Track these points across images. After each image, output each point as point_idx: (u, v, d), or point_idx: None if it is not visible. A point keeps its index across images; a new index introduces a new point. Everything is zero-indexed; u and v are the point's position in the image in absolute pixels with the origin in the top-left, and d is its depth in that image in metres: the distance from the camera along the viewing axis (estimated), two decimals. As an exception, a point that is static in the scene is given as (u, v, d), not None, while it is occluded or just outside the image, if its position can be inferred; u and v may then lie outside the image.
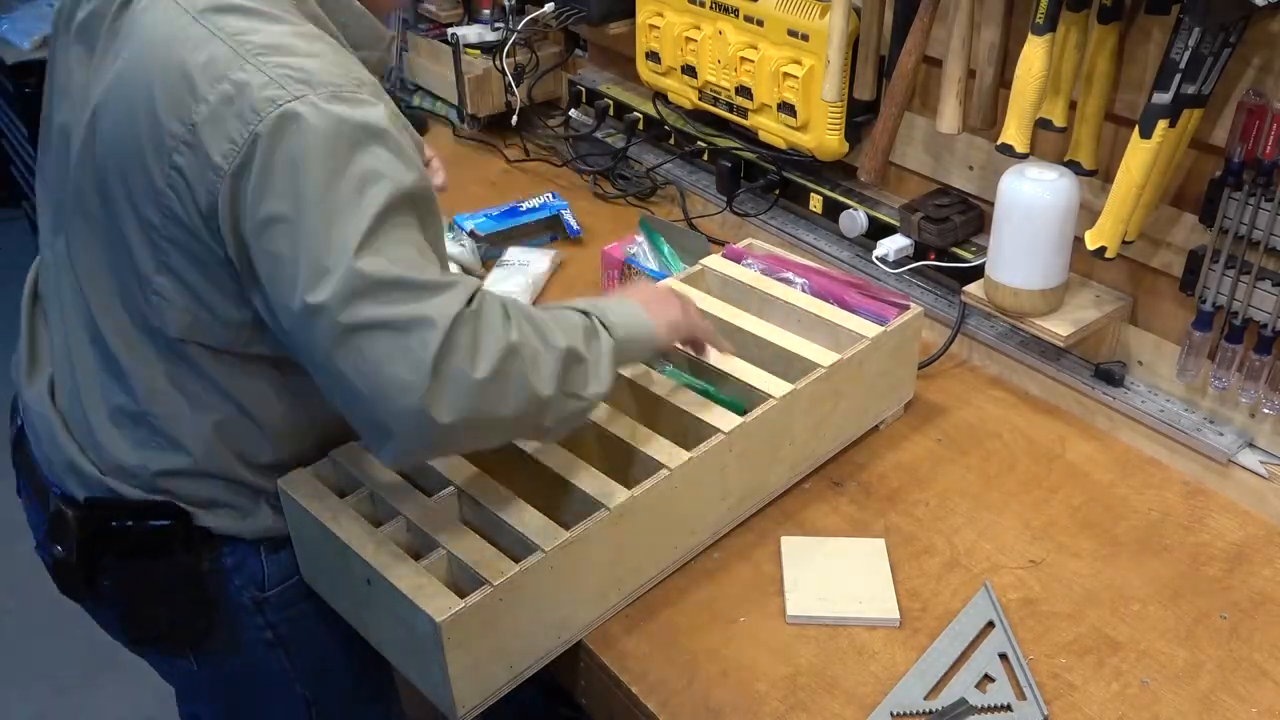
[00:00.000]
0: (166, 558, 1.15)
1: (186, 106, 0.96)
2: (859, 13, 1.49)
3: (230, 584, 1.19)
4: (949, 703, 1.06)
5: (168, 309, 1.04)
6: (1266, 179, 1.16)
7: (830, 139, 1.63)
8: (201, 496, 1.14)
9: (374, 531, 1.09)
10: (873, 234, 1.62)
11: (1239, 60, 1.17)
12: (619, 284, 1.66)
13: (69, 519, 1.14)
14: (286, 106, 0.93)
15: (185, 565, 1.15)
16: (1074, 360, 1.46)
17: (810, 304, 1.39)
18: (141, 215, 1.01)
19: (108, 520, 1.13)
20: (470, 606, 1.00)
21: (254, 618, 1.22)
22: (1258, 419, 1.31)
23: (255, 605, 1.21)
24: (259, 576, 1.20)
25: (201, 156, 0.95)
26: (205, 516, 1.14)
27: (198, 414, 1.10)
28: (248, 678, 1.27)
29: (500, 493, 1.13)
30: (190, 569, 1.16)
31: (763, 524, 1.29)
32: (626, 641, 1.15)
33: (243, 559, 1.18)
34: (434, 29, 2.25)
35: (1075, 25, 1.23)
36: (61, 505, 1.15)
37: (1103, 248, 1.26)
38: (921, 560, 1.23)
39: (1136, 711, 1.06)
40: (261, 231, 0.95)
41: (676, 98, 1.86)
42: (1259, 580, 1.21)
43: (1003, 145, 1.31)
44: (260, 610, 1.21)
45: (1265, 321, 1.22)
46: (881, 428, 1.43)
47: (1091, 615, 1.16)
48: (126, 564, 1.15)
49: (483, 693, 1.07)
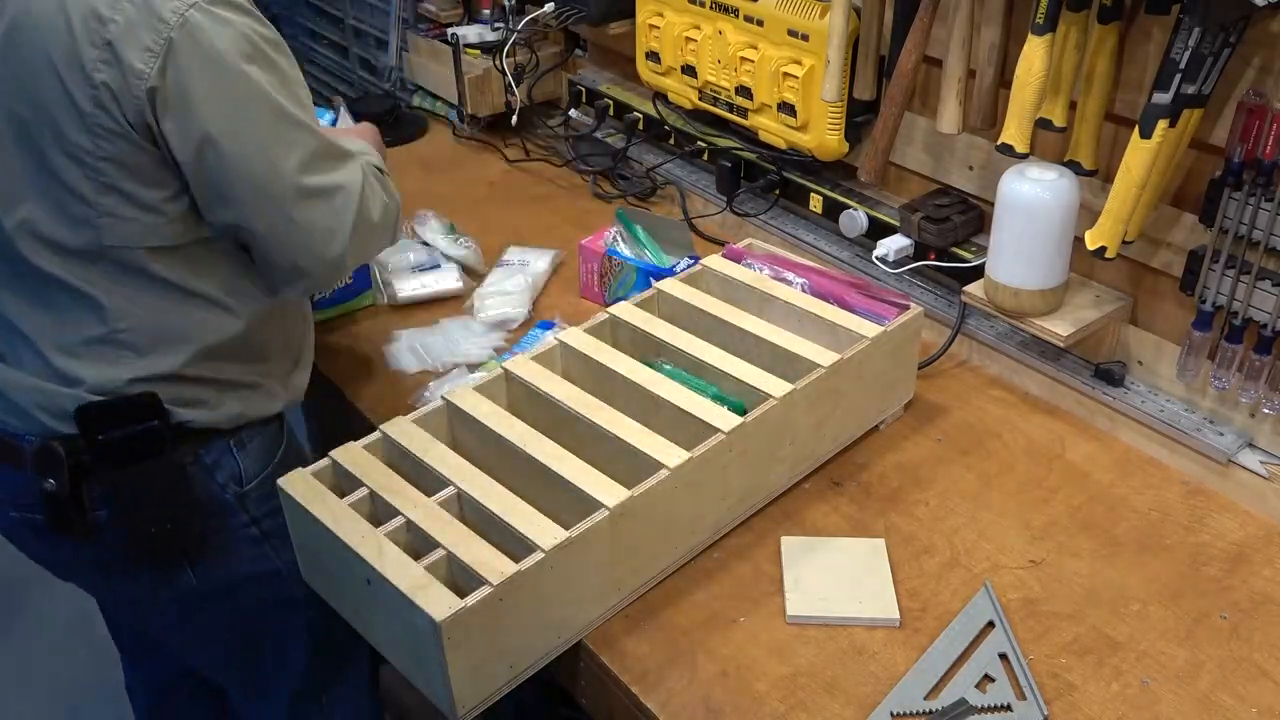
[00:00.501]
0: (155, 460, 1.21)
1: (97, 31, 1.09)
2: (859, 13, 1.49)
3: (213, 481, 1.26)
4: (949, 703, 1.06)
5: (119, 225, 1.15)
6: (1266, 179, 1.16)
7: (830, 139, 1.63)
8: (173, 395, 1.21)
9: (374, 531, 1.09)
10: (873, 234, 1.62)
11: (1239, 60, 1.17)
12: (599, 281, 1.66)
13: (55, 449, 1.19)
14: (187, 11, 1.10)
15: (173, 466, 1.22)
16: (1074, 360, 1.46)
17: (810, 304, 1.39)
18: (70, 145, 1.13)
19: (95, 435, 1.18)
20: (470, 606, 1.00)
21: (238, 515, 1.29)
22: (1258, 419, 1.31)
23: (238, 501, 1.28)
24: (236, 471, 1.28)
25: (125, 67, 1.09)
26: (181, 412, 1.21)
27: (164, 318, 1.19)
28: (244, 580, 1.33)
29: (500, 493, 1.13)
30: (178, 469, 1.23)
31: (763, 524, 1.29)
32: (626, 641, 1.15)
33: (219, 456, 1.26)
34: (434, 29, 2.25)
35: (1075, 25, 1.23)
36: (43, 443, 1.20)
37: (1103, 248, 1.26)
38: (921, 560, 1.23)
39: (1136, 711, 1.06)
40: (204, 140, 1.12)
41: (676, 98, 1.86)
42: (1259, 580, 1.21)
43: (1003, 145, 1.31)
44: (243, 506, 1.29)
45: (1265, 321, 1.22)
46: (881, 428, 1.43)
47: (1091, 615, 1.16)
48: (120, 476, 1.20)
49: (483, 693, 1.07)
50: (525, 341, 1.56)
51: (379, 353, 1.57)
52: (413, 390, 1.50)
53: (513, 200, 2.00)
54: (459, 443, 1.25)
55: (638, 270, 1.60)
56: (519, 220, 1.93)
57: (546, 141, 2.16)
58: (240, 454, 1.29)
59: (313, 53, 2.84)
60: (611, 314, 1.38)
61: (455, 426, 1.26)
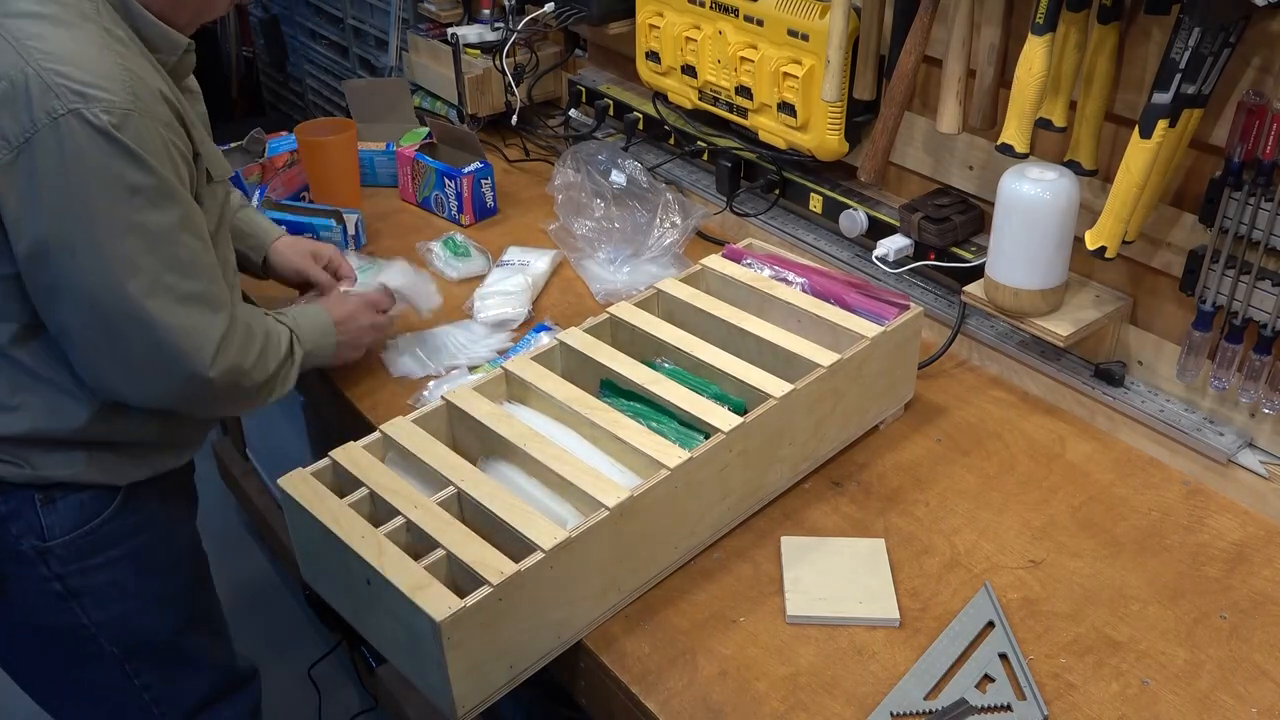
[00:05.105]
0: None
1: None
2: (859, 13, 1.49)
3: (6, 531, 1.23)
4: (949, 703, 1.06)
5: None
6: (1266, 179, 1.16)
7: (830, 139, 1.63)
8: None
9: (374, 531, 1.09)
10: (873, 234, 1.62)
11: (1239, 60, 1.17)
12: (412, 182, 1.96)
13: None
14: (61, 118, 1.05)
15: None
16: (1074, 360, 1.46)
17: (810, 304, 1.39)
18: None
19: None
20: (470, 606, 1.00)
21: (36, 568, 1.25)
22: (1258, 419, 1.31)
23: (37, 554, 1.25)
24: (37, 526, 1.24)
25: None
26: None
27: None
28: (44, 630, 1.30)
29: (500, 493, 1.13)
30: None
31: (763, 524, 1.29)
32: (626, 641, 1.15)
33: (17, 507, 1.22)
34: (434, 29, 2.25)
35: (1075, 25, 1.23)
36: None
37: (1103, 248, 1.26)
38: (921, 560, 1.23)
39: (1136, 711, 1.06)
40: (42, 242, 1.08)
41: (676, 98, 1.86)
42: (1259, 580, 1.21)
43: (1003, 145, 1.31)
44: (44, 560, 1.25)
45: (1265, 321, 1.22)
46: (881, 428, 1.43)
47: (1091, 615, 1.17)
48: None
49: (483, 693, 1.07)
50: (522, 345, 1.56)
51: (378, 355, 1.57)
52: (413, 390, 1.50)
53: (513, 200, 2.00)
54: (459, 443, 1.25)
55: (436, 171, 1.91)
56: (519, 220, 1.94)
57: (546, 142, 2.17)
58: (46, 510, 1.24)
59: (313, 53, 2.84)
60: (611, 314, 1.38)
61: (455, 426, 1.26)
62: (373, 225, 1.90)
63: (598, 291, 1.70)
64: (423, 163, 1.93)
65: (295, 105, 3.21)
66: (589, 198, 1.81)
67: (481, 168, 1.91)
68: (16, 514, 1.23)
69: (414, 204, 1.99)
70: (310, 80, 2.97)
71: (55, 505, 1.24)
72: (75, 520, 1.25)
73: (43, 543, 1.24)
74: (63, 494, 1.24)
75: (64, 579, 1.27)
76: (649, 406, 1.26)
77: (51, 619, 1.29)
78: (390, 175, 2.03)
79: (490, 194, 1.93)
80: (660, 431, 1.21)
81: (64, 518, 1.25)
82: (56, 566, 1.26)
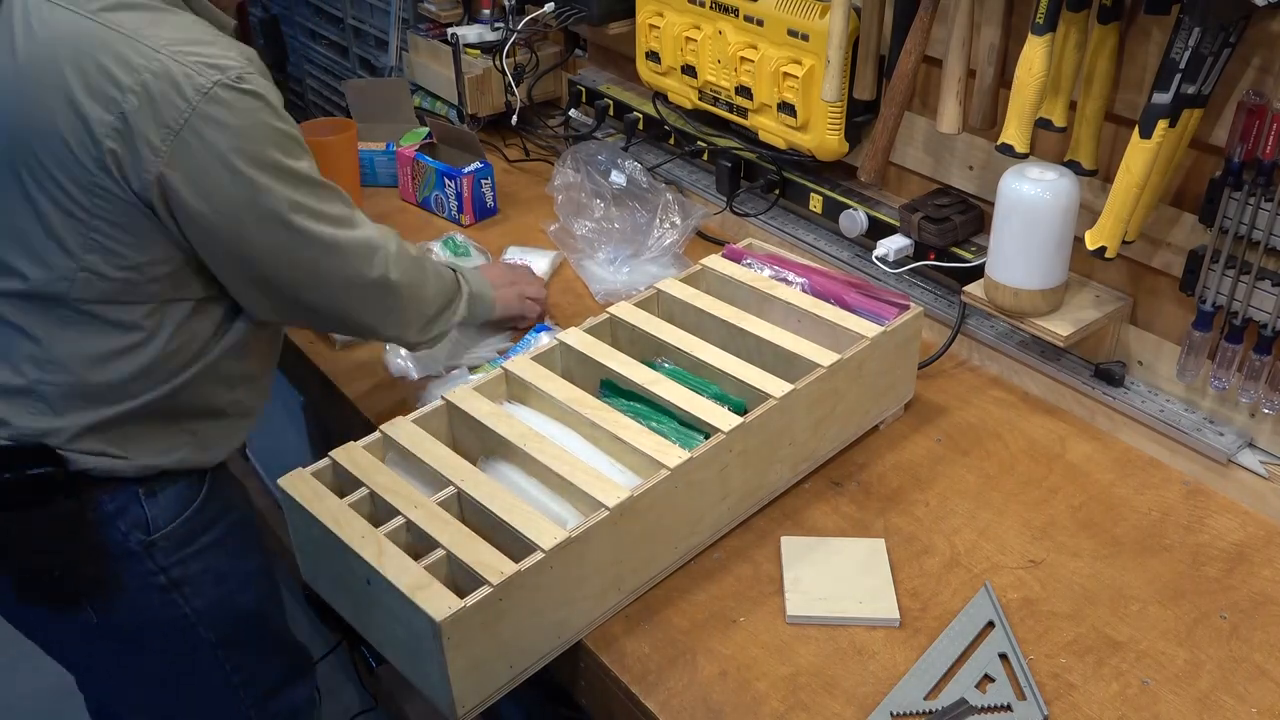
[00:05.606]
0: (47, 506, 1.18)
1: (114, 99, 1.08)
2: (859, 13, 1.49)
3: (115, 529, 1.22)
4: (949, 703, 1.06)
5: (98, 281, 1.13)
6: (1266, 179, 1.16)
7: (830, 139, 1.63)
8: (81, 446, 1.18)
9: (374, 531, 1.09)
10: (873, 234, 1.62)
11: (1239, 60, 1.17)
12: (412, 182, 1.96)
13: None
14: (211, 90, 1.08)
15: (68, 512, 1.19)
16: (1074, 360, 1.46)
17: (810, 304, 1.39)
18: (64, 198, 1.11)
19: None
20: (470, 606, 1.00)
21: (143, 563, 1.25)
22: (1258, 419, 1.31)
23: (144, 549, 1.25)
24: (143, 520, 1.24)
25: (137, 141, 1.08)
26: (82, 460, 1.18)
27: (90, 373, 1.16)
28: (147, 625, 1.30)
29: (500, 493, 1.13)
30: (73, 516, 1.19)
31: (763, 524, 1.29)
32: (626, 641, 1.15)
33: (124, 504, 1.22)
34: (434, 29, 2.24)
35: (1075, 25, 1.23)
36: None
37: (1103, 248, 1.26)
38: (921, 560, 1.23)
39: (1136, 711, 1.06)
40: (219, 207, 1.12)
41: (676, 98, 1.86)
42: (1259, 580, 1.21)
43: (1003, 145, 1.31)
44: (149, 554, 1.25)
45: (1265, 321, 1.22)
46: (881, 428, 1.43)
47: (1091, 615, 1.16)
48: (8, 517, 1.18)
49: (483, 693, 1.07)
50: (522, 345, 1.56)
51: (378, 355, 1.57)
52: (413, 391, 1.50)
53: (513, 200, 2.00)
54: (459, 443, 1.25)
55: (436, 171, 1.90)
56: (519, 220, 1.94)
57: (546, 142, 2.17)
58: (150, 503, 1.25)
59: (312, 53, 2.84)
60: (611, 314, 1.38)
61: (455, 426, 1.26)
62: (373, 225, 1.89)
63: (598, 292, 1.70)
64: (423, 163, 1.93)
65: (295, 105, 3.21)
66: (589, 198, 1.81)
67: (481, 168, 1.91)
68: (124, 510, 1.23)
69: (414, 204, 1.99)
70: (310, 80, 2.97)
71: (156, 497, 1.25)
72: (175, 510, 1.27)
73: (148, 536, 1.25)
74: (161, 485, 1.25)
75: (167, 570, 1.28)
76: (649, 406, 1.26)
77: (156, 613, 1.30)
78: (390, 175, 2.04)
79: (490, 194, 1.93)
80: (660, 431, 1.21)
81: (165, 509, 1.26)
82: (161, 559, 1.27)
